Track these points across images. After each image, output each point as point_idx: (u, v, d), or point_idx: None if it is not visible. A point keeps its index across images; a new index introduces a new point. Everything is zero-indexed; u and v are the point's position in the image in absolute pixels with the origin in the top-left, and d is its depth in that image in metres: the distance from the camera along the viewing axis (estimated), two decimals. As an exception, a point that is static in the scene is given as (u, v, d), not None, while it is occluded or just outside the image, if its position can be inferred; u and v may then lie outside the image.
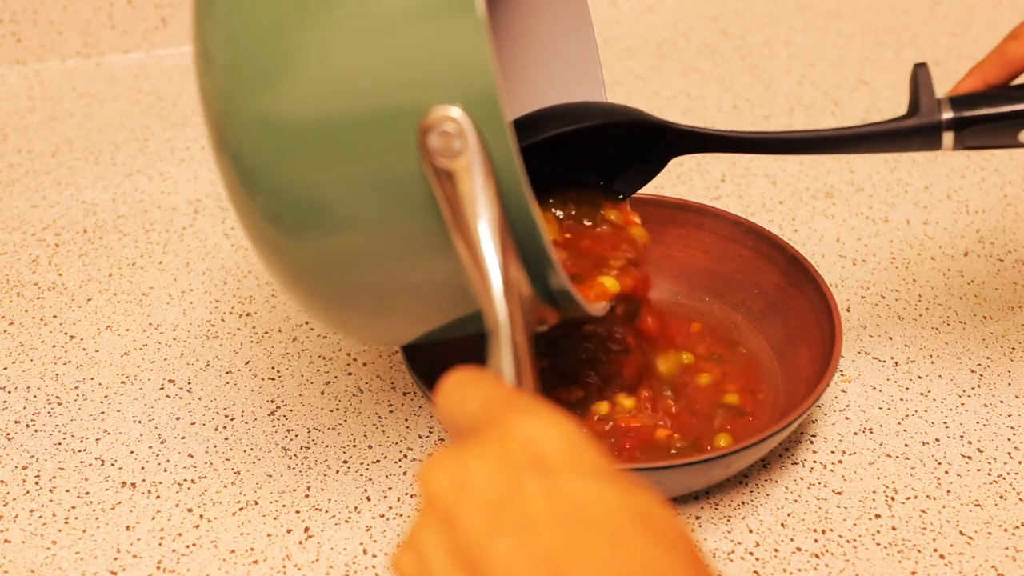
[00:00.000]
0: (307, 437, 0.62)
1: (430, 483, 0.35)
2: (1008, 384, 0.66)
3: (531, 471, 0.34)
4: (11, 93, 0.93)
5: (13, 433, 0.63)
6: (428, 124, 0.44)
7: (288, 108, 0.46)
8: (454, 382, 0.39)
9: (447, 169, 0.44)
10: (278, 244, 0.49)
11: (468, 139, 0.44)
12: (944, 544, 0.57)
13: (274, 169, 0.47)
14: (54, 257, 0.76)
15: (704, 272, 0.69)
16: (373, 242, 0.48)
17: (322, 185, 0.47)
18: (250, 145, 0.47)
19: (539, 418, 0.35)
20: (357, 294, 0.50)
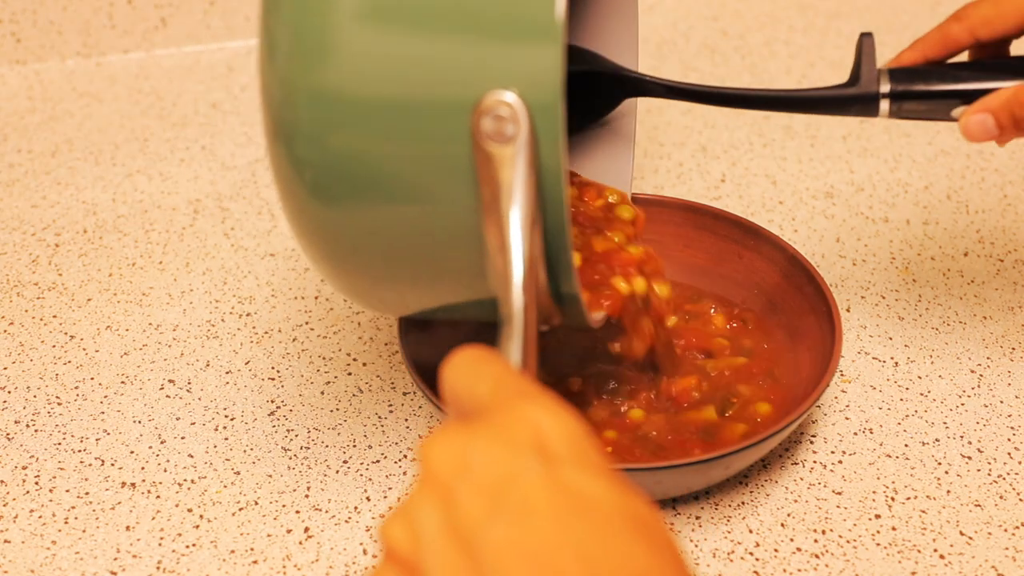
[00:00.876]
0: (307, 437, 0.62)
1: (432, 458, 0.35)
2: (1008, 384, 0.66)
3: (535, 459, 0.34)
4: (11, 93, 0.93)
5: (13, 433, 0.63)
6: (485, 106, 0.45)
7: (345, 81, 0.47)
8: (465, 359, 0.39)
9: (493, 153, 0.45)
10: (318, 217, 0.50)
11: (520, 128, 0.45)
12: (944, 544, 0.57)
13: (326, 142, 0.47)
14: (54, 257, 0.76)
15: (704, 272, 0.69)
16: (410, 217, 0.49)
17: (371, 158, 0.48)
18: (305, 119, 0.47)
19: (547, 408, 0.35)
20: (383, 266, 0.51)
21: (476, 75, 0.46)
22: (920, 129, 0.88)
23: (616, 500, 0.33)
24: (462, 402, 0.38)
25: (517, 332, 0.43)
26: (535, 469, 0.33)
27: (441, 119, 0.46)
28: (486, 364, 0.39)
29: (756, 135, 0.88)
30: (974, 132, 0.57)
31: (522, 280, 0.44)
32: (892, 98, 0.58)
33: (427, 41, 0.46)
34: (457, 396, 0.38)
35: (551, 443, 0.34)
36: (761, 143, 0.87)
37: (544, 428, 0.35)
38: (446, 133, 0.46)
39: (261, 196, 0.81)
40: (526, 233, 0.45)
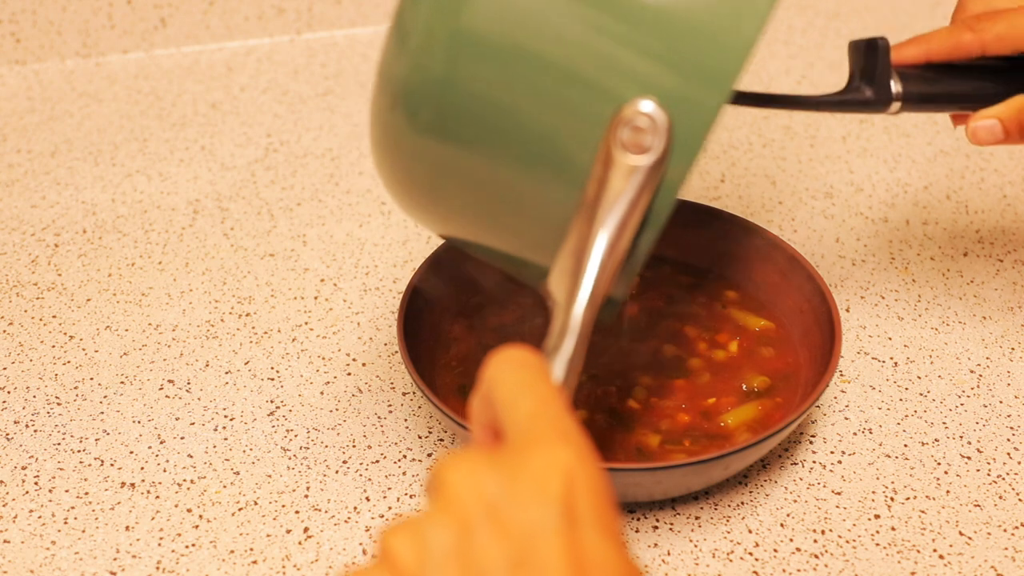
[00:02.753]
0: (306, 437, 0.62)
1: (457, 485, 0.35)
2: (1008, 384, 0.66)
3: (561, 515, 0.34)
4: (11, 93, 0.93)
5: (13, 433, 0.63)
6: (630, 111, 0.43)
7: (496, 27, 0.45)
8: (513, 364, 0.39)
9: (617, 159, 0.43)
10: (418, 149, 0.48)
11: (655, 148, 0.43)
12: (943, 544, 0.57)
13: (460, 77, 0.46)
14: (54, 257, 0.76)
15: (703, 273, 0.70)
16: (508, 174, 0.47)
17: (497, 106, 0.46)
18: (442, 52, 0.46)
19: (580, 456, 0.35)
20: (462, 207, 0.50)
21: (635, 78, 0.44)
22: (919, 129, 0.88)
23: (622, 567, 0.34)
24: (498, 409, 0.38)
25: (568, 347, 0.42)
26: (558, 527, 0.34)
27: (582, 100, 0.44)
28: (532, 378, 0.38)
29: (755, 135, 0.88)
30: (981, 137, 0.58)
31: (588, 299, 0.43)
32: (904, 100, 0.59)
33: (598, 17, 0.44)
34: (496, 401, 0.38)
35: (578, 500, 0.34)
36: (760, 143, 0.87)
37: (574, 479, 0.35)
38: (582, 115, 0.44)
39: (261, 196, 0.81)
40: (609, 251, 0.44)
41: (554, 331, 0.43)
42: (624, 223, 0.44)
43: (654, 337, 0.65)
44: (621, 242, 0.44)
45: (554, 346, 0.42)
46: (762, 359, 0.64)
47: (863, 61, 0.60)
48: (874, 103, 0.60)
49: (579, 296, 0.43)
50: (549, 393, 0.38)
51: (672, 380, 0.63)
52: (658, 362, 0.64)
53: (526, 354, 0.39)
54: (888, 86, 0.59)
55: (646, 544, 0.57)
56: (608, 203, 0.44)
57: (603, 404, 0.61)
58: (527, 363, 0.38)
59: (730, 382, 0.63)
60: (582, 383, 0.62)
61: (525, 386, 0.38)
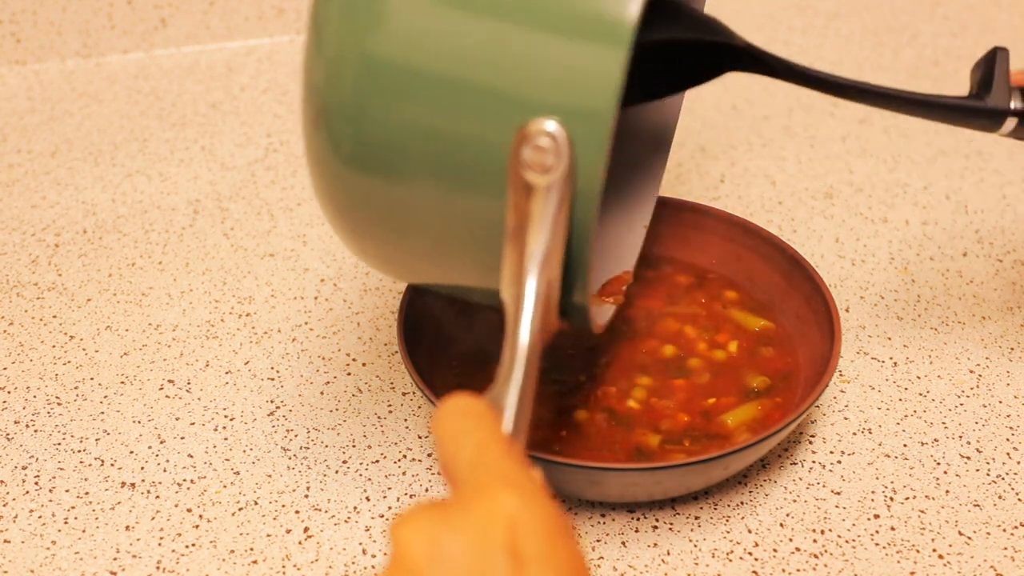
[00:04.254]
0: (306, 437, 0.63)
1: (405, 540, 0.35)
2: (1007, 384, 0.66)
3: (505, 558, 0.34)
4: (11, 93, 0.93)
5: (13, 433, 0.63)
6: (528, 133, 0.43)
7: (400, 52, 0.45)
8: (452, 414, 0.39)
9: (528, 182, 0.43)
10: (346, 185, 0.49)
11: (560, 164, 0.43)
12: (943, 544, 0.57)
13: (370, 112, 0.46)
14: (54, 257, 0.76)
15: (703, 273, 0.70)
16: (434, 207, 0.47)
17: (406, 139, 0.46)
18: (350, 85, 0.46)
19: (524, 499, 0.36)
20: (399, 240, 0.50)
21: (523, 99, 0.44)
22: (919, 130, 0.88)
23: None
24: (445, 459, 0.39)
25: (516, 379, 0.42)
26: (504, 569, 0.34)
27: (481, 131, 0.45)
28: (472, 424, 0.39)
29: (755, 135, 0.88)
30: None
31: (529, 328, 0.43)
32: (1021, 117, 0.55)
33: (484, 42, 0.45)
34: (442, 454, 0.39)
35: (523, 541, 0.35)
36: (760, 143, 0.87)
37: (517, 523, 0.35)
38: (484, 146, 0.45)
39: (261, 196, 0.81)
40: (544, 273, 0.44)
41: (503, 361, 0.43)
42: (548, 242, 0.44)
43: (654, 337, 0.65)
44: (551, 262, 0.44)
45: (502, 375, 0.42)
46: (762, 359, 0.64)
47: (983, 72, 0.56)
48: (989, 113, 0.55)
49: (521, 325, 0.43)
50: (488, 438, 0.38)
51: (672, 380, 0.63)
52: (658, 362, 0.64)
53: (465, 402, 0.40)
54: (1006, 98, 0.55)
55: (646, 544, 0.57)
56: (527, 227, 0.44)
57: (603, 404, 0.61)
58: (466, 411, 0.39)
59: (730, 382, 0.63)
60: (581, 383, 0.62)
61: (464, 435, 0.39)
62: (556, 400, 0.61)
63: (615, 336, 0.65)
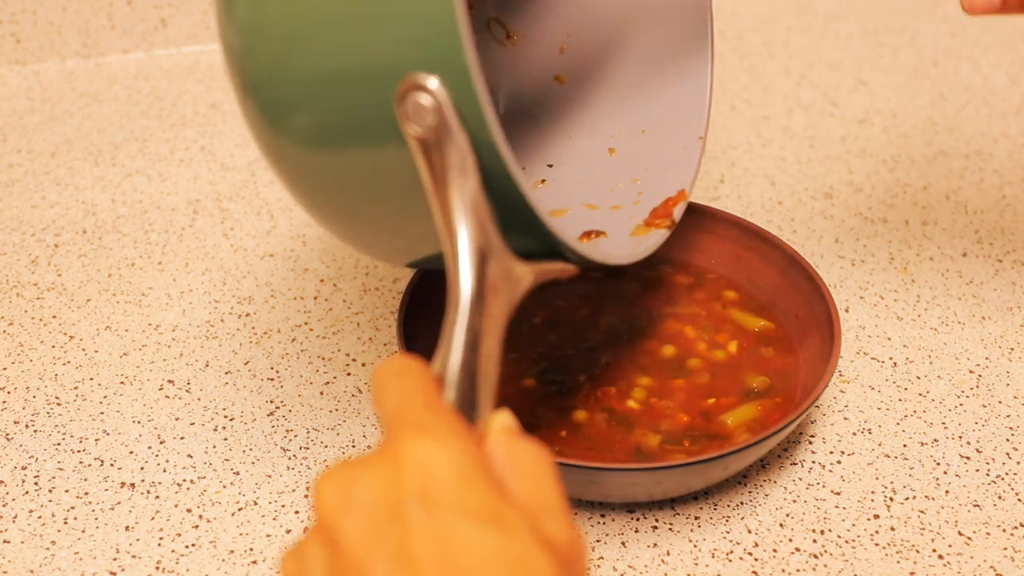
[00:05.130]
0: (306, 437, 0.63)
1: (320, 493, 0.35)
2: (1007, 385, 0.66)
3: (417, 503, 0.34)
4: (11, 93, 0.93)
5: (12, 433, 0.63)
6: (402, 92, 0.43)
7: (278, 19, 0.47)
8: (381, 373, 0.40)
9: (423, 138, 0.44)
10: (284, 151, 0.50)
11: (443, 111, 0.43)
12: (943, 544, 0.57)
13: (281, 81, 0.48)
14: (54, 258, 0.76)
15: (703, 273, 0.70)
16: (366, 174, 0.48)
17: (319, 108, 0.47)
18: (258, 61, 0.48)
19: (438, 443, 0.35)
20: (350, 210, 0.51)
21: (388, 58, 0.44)
22: (918, 130, 0.89)
23: (494, 547, 0.34)
24: (377, 419, 0.39)
25: (461, 322, 0.41)
26: (416, 513, 0.34)
27: (366, 98, 0.45)
28: (395, 380, 0.39)
29: (755, 135, 0.88)
30: (977, 5, 0.56)
31: (469, 274, 0.43)
32: None
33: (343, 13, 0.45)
34: (375, 412, 0.39)
35: (435, 484, 0.34)
36: (760, 143, 0.87)
37: (429, 466, 0.35)
38: (373, 112, 0.45)
39: (260, 196, 0.81)
40: (470, 216, 0.43)
41: (446, 317, 0.42)
42: (464, 193, 0.43)
43: (654, 337, 0.65)
44: (475, 201, 0.43)
45: (447, 324, 0.42)
46: (762, 359, 0.64)
47: None
48: None
49: (461, 275, 0.43)
50: (408, 391, 0.38)
51: (672, 380, 0.63)
52: (658, 362, 0.64)
53: (393, 360, 0.40)
54: None
55: (645, 544, 0.57)
56: (442, 179, 0.44)
57: (603, 404, 0.61)
58: (392, 369, 0.39)
59: (730, 382, 0.63)
60: (581, 383, 0.62)
61: (386, 392, 0.39)
62: (556, 400, 0.61)
63: (615, 336, 0.65)
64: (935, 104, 0.92)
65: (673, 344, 0.65)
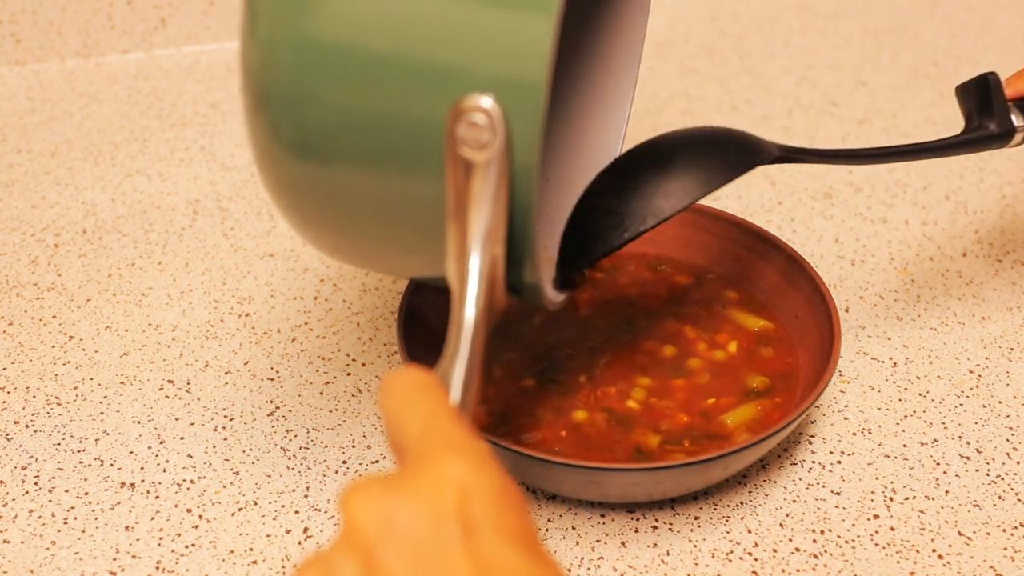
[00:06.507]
0: (306, 437, 0.63)
1: (355, 514, 0.35)
2: (1007, 385, 0.66)
3: (457, 527, 0.34)
4: (11, 93, 0.93)
5: (12, 433, 0.63)
6: (462, 109, 0.43)
7: (333, 31, 0.45)
8: (400, 386, 0.39)
9: (466, 158, 0.43)
10: (292, 172, 0.49)
11: (497, 139, 0.43)
12: (943, 544, 0.57)
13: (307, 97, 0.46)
14: (53, 258, 0.76)
15: (703, 273, 0.70)
16: (379, 191, 0.47)
17: (343, 121, 0.46)
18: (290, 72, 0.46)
19: (473, 466, 0.36)
20: (354, 230, 0.50)
21: (455, 74, 0.44)
22: (918, 130, 0.89)
23: (531, 571, 0.34)
24: (392, 432, 0.39)
25: (464, 350, 0.42)
26: (456, 538, 0.34)
27: (417, 109, 0.45)
28: (419, 396, 0.39)
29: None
30: None
31: (475, 299, 0.43)
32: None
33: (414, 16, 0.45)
34: (390, 427, 0.39)
35: (473, 508, 0.35)
36: (760, 144, 0.87)
37: (468, 490, 0.35)
38: (420, 124, 0.45)
39: (260, 196, 0.81)
40: (488, 248, 0.44)
41: (450, 336, 0.43)
42: (489, 218, 0.44)
43: (654, 337, 0.65)
44: (493, 238, 0.44)
45: (449, 351, 0.42)
46: (761, 359, 0.64)
47: (977, 99, 0.62)
48: (999, 137, 0.61)
49: (467, 300, 0.43)
50: (435, 408, 0.38)
51: (671, 380, 0.63)
52: (658, 362, 0.64)
53: (409, 374, 0.40)
54: (1009, 119, 0.61)
55: (645, 544, 0.57)
56: (467, 204, 0.44)
57: (603, 404, 0.61)
58: (413, 383, 0.39)
59: (730, 382, 0.63)
60: (581, 384, 0.62)
61: (410, 407, 0.39)
62: (556, 400, 0.61)
63: (615, 336, 0.65)
64: (935, 104, 0.92)
65: (673, 344, 0.65)
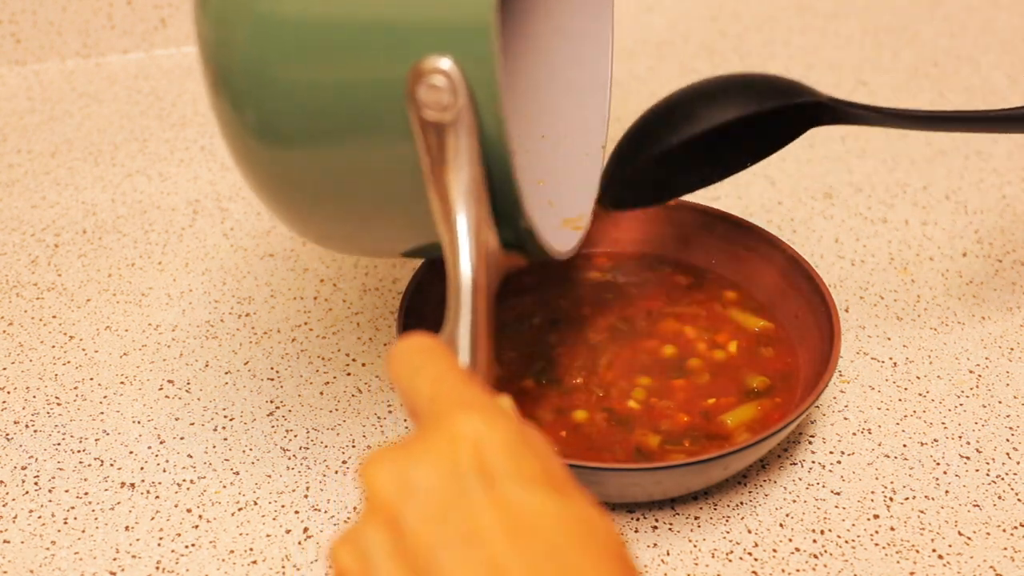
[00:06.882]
0: (306, 437, 0.63)
1: (374, 482, 0.35)
2: (1007, 385, 0.66)
3: (477, 479, 0.34)
4: (11, 93, 0.93)
5: (12, 433, 0.63)
6: (418, 73, 0.43)
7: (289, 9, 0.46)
8: (407, 351, 0.40)
9: (433, 121, 0.43)
10: (262, 157, 0.49)
11: (458, 97, 0.43)
12: (943, 544, 0.57)
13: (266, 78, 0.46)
14: (53, 258, 0.76)
15: (703, 273, 0.70)
16: (353, 166, 0.47)
17: (309, 101, 0.46)
18: (246, 53, 0.46)
19: (484, 418, 0.36)
20: (334, 209, 0.50)
21: (409, 37, 0.44)
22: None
23: (560, 512, 0.34)
24: (406, 399, 0.39)
25: (466, 307, 0.42)
26: (478, 489, 0.34)
27: (377, 75, 0.45)
28: (426, 357, 0.39)
29: (755, 136, 0.88)
30: None
31: (469, 255, 0.43)
32: None
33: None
34: (402, 394, 0.39)
35: (490, 459, 0.35)
36: (760, 144, 0.87)
37: (481, 442, 0.35)
38: (382, 90, 0.45)
39: (260, 196, 0.81)
40: (472, 203, 0.44)
41: (450, 297, 0.43)
42: (467, 176, 0.44)
43: (654, 337, 0.65)
44: (475, 195, 0.44)
45: (451, 314, 0.42)
46: (761, 359, 0.64)
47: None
48: None
49: (460, 260, 0.43)
50: (443, 370, 0.38)
51: (672, 380, 0.63)
52: (658, 362, 0.64)
53: (414, 340, 0.40)
54: None
55: (645, 544, 0.57)
56: (442, 166, 0.44)
57: (603, 404, 0.61)
58: (419, 347, 0.40)
59: (730, 382, 0.63)
60: (579, 385, 0.62)
61: (417, 371, 0.39)
62: (556, 400, 0.61)
63: (615, 336, 0.65)
64: (935, 104, 0.92)
65: (673, 344, 0.65)
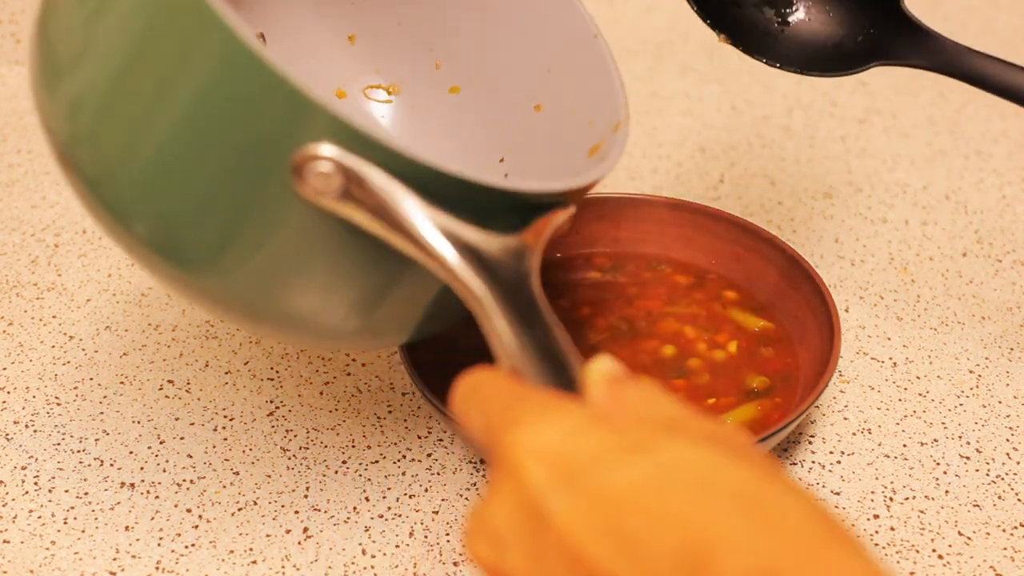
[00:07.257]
0: (306, 437, 0.63)
1: (475, 554, 0.35)
2: (1007, 385, 0.66)
3: (550, 492, 0.33)
4: (11, 93, 0.93)
5: (12, 433, 0.63)
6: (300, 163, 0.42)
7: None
8: (459, 395, 0.40)
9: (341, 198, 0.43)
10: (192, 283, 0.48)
11: (346, 165, 0.42)
12: (943, 544, 0.57)
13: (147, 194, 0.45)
14: (53, 258, 0.76)
15: (703, 273, 0.70)
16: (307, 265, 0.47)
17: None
18: (116, 175, 0.46)
19: (531, 426, 0.35)
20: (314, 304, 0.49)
21: (263, 149, 0.43)
22: (918, 129, 0.88)
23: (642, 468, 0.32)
24: (476, 444, 0.39)
25: (492, 309, 0.41)
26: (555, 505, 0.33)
27: (263, 197, 0.44)
28: (474, 397, 0.39)
29: (755, 136, 0.88)
30: None
31: (471, 271, 0.42)
32: None
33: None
34: (468, 439, 0.39)
35: (554, 461, 0.34)
36: (760, 144, 0.87)
37: (539, 449, 0.34)
38: (278, 205, 0.44)
39: (260, 196, 0.81)
40: (428, 226, 0.43)
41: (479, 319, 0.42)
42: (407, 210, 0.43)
43: (654, 337, 0.65)
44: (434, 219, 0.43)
45: (487, 331, 0.41)
46: (761, 359, 0.64)
47: None
48: None
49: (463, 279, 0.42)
50: (488, 397, 0.38)
51: (672, 380, 0.63)
52: (658, 362, 0.64)
53: (462, 379, 0.40)
54: None
55: (645, 544, 0.57)
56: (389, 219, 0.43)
57: None
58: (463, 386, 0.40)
59: (730, 382, 0.63)
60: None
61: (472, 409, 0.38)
62: (556, 400, 0.61)
63: (615, 336, 0.65)
64: (935, 104, 0.92)
65: (673, 344, 0.65)
